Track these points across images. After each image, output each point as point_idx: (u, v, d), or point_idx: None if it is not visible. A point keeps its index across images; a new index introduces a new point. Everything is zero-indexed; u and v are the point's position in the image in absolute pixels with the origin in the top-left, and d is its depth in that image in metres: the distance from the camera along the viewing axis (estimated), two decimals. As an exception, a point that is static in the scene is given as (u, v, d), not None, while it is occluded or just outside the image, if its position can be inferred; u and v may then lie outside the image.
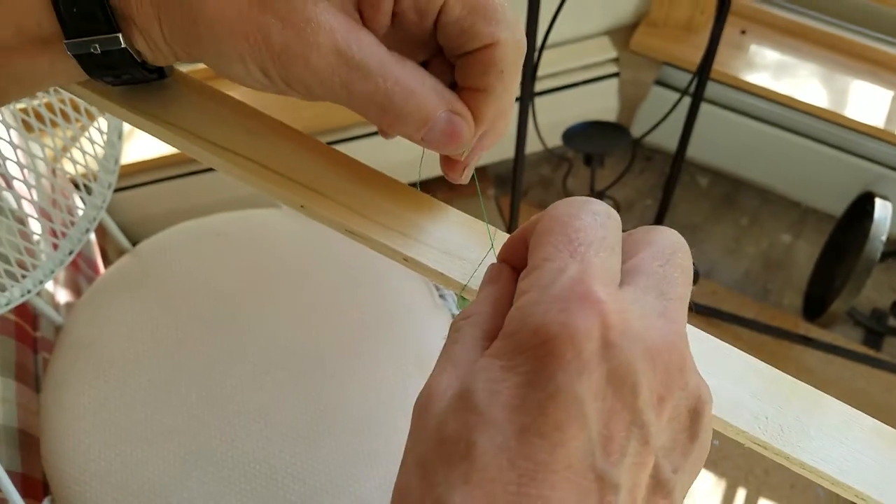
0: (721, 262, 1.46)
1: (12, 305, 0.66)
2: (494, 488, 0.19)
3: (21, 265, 0.67)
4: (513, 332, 0.20)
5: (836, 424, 0.29)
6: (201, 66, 0.31)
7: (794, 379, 0.29)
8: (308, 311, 0.72)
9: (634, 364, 0.20)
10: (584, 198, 0.23)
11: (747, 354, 0.30)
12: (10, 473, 0.66)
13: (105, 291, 0.75)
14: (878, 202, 1.21)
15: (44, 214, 0.70)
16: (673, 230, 0.24)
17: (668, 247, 0.24)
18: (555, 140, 1.39)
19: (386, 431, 0.66)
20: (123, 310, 0.73)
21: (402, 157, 1.22)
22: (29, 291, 0.68)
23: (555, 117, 1.32)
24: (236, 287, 0.74)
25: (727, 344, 0.30)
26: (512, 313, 0.21)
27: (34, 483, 0.72)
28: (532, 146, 1.10)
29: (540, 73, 1.27)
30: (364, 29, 0.25)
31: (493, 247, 0.30)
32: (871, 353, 1.37)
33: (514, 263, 0.26)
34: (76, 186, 0.72)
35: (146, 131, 0.32)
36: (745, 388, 0.29)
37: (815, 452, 0.28)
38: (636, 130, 1.52)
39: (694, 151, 1.15)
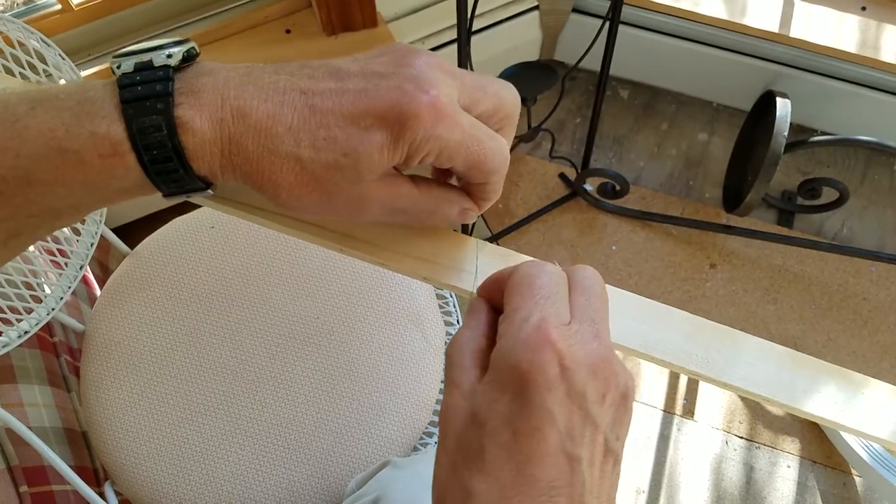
0: (647, 167, 1.59)
1: (42, 323, 0.74)
2: (501, 474, 0.27)
3: (35, 288, 0.74)
4: (500, 368, 0.29)
5: (745, 352, 0.41)
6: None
7: (713, 322, 0.42)
8: (306, 284, 0.82)
9: (582, 380, 0.28)
10: (542, 262, 0.33)
11: (679, 310, 0.42)
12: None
13: (117, 294, 0.82)
14: (779, 101, 1.32)
15: (54, 240, 0.76)
16: (588, 267, 0.34)
17: (588, 282, 0.32)
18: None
19: (394, 382, 0.77)
20: (139, 309, 0.81)
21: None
22: (53, 309, 0.75)
23: (486, 54, 1.40)
24: (237, 273, 0.82)
25: (665, 305, 0.42)
26: (497, 352, 0.29)
27: (87, 472, 0.81)
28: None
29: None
30: (399, 178, 0.33)
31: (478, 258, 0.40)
32: (784, 231, 1.54)
33: (489, 299, 0.35)
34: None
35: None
36: (678, 335, 0.41)
37: (731, 374, 0.40)
38: (559, 56, 1.61)
39: (613, 68, 1.25)
